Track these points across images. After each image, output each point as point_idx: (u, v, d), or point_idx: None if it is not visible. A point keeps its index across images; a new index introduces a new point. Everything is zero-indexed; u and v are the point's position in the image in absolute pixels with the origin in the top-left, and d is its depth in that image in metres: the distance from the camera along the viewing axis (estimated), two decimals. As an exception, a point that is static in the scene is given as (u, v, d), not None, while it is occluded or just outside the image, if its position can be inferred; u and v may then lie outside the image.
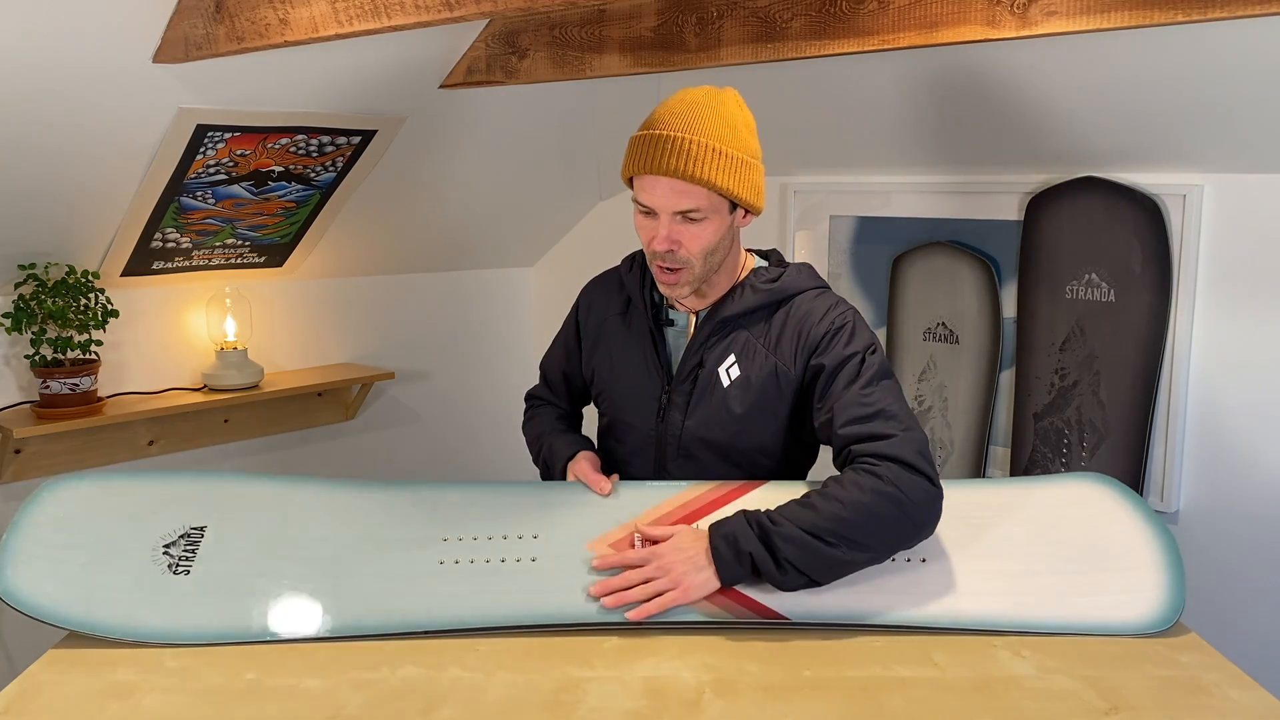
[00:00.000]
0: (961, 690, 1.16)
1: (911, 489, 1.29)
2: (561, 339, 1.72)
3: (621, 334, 1.58)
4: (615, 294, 1.61)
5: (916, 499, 1.29)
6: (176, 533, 1.38)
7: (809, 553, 1.26)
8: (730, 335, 1.49)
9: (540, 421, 1.72)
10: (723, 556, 1.28)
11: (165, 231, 2.50)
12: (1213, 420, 2.17)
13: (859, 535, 1.27)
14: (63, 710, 1.12)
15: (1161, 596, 1.31)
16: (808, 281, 1.51)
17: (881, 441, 1.32)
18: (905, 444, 1.32)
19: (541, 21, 2.34)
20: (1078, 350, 2.31)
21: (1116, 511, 1.43)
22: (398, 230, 3.01)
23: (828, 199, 2.76)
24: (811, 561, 1.27)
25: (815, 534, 1.26)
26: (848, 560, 1.28)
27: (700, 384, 1.49)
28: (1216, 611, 2.06)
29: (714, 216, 1.39)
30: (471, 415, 3.49)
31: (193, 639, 1.25)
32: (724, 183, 1.36)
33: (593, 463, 1.54)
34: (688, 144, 1.35)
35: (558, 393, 1.75)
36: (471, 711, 1.11)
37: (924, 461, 1.31)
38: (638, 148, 1.38)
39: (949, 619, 1.29)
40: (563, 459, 1.58)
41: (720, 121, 1.38)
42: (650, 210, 1.40)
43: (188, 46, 1.92)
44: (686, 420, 1.50)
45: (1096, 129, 2.17)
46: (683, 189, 1.36)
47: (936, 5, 1.78)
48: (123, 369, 2.62)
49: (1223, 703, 1.13)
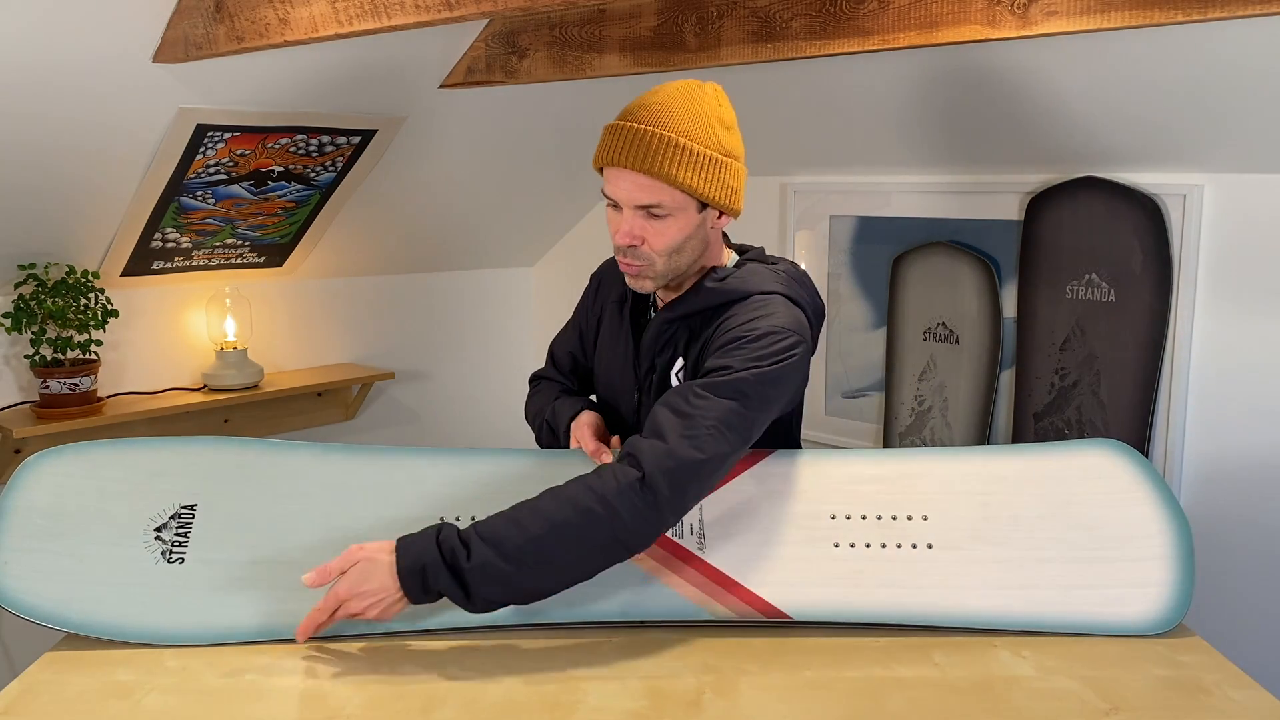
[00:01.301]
0: (961, 690, 1.16)
1: (630, 510, 1.20)
2: (574, 318, 1.68)
3: (614, 323, 1.56)
4: (621, 281, 1.56)
5: (631, 524, 1.21)
6: (166, 513, 1.35)
7: (504, 586, 1.20)
8: (675, 337, 1.44)
9: (543, 396, 1.67)
10: (410, 588, 1.20)
11: (165, 231, 2.50)
12: (1213, 420, 2.17)
13: (561, 560, 1.21)
14: (63, 710, 1.12)
15: (1168, 594, 1.30)
16: (762, 284, 1.40)
17: (648, 441, 1.25)
18: (664, 456, 1.22)
19: (541, 21, 2.34)
20: (1078, 350, 2.31)
21: (1132, 488, 1.37)
22: (398, 230, 3.01)
23: (828, 199, 2.76)
24: (507, 593, 1.21)
25: (514, 561, 1.19)
26: (544, 584, 1.23)
27: (655, 387, 1.46)
28: (1217, 611, 2.06)
29: (679, 214, 1.34)
30: (471, 415, 3.49)
31: (193, 639, 1.25)
32: (689, 180, 1.31)
33: (594, 426, 1.49)
34: (653, 138, 1.30)
35: (563, 373, 1.70)
36: (471, 711, 1.11)
37: (667, 483, 1.21)
38: (607, 137, 1.34)
39: (953, 617, 1.29)
40: (566, 418, 1.53)
41: (691, 117, 1.32)
42: (613, 203, 1.36)
43: (188, 46, 1.92)
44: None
45: (1096, 129, 2.17)
46: (645, 184, 1.31)
47: (936, 5, 1.78)
48: (123, 369, 2.62)
49: (1223, 703, 1.13)
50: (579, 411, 1.53)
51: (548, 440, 1.59)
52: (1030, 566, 1.32)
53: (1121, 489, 1.38)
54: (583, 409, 1.53)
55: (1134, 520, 1.35)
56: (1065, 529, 1.35)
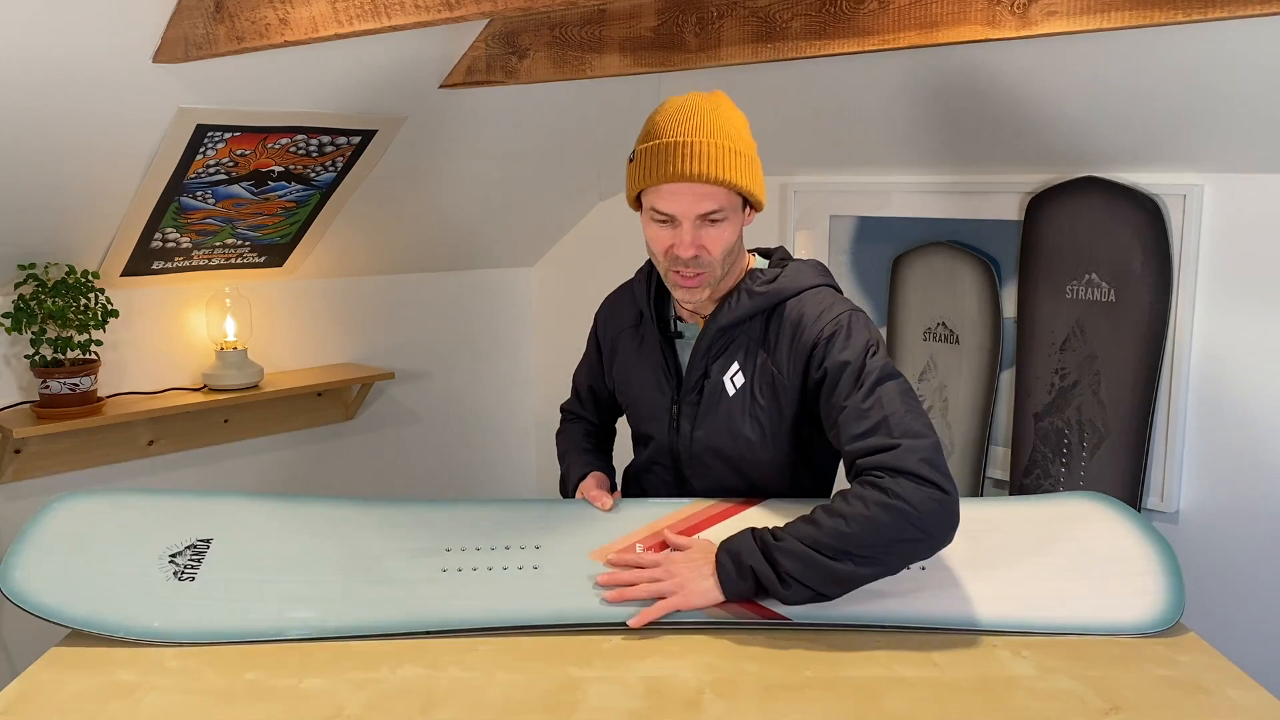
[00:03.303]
0: (961, 690, 1.16)
1: (918, 500, 1.25)
2: (587, 353, 1.74)
3: (634, 347, 1.59)
4: (628, 307, 1.62)
5: (924, 509, 1.25)
6: (183, 544, 1.40)
7: (811, 567, 1.25)
8: (732, 342, 1.47)
9: (566, 438, 1.76)
10: (726, 570, 1.28)
11: (165, 231, 2.50)
12: (1213, 420, 2.17)
13: (863, 549, 1.25)
14: (63, 710, 1.12)
15: (1161, 599, 1.32)
16: (807, 280, 1.47)
17: (886, 454, 1.29)
18: (909, 454, 1.28)
19: (541, 21, 2.34)
20: (1078, 350, 2.31)
21: (1115, 526, 1.45)
22: (397, 230, 3.01)
23: (828, 199, 2.76)
24: (814, 576, 1.25)
25: (818, 549, 1.25)
26: (853, 574, 1.26)
27: (706, 395, 1.48)
28: (1216, 611, 2.06)
29: (732, 216, 1.39)
30: (471, 415, 3.49)
31: (193, 639, 1.26)
32: (741, 181, 1.36)
33: (600, 482, 1.58)
34: (703, 147, 1.34)
35: (586, 406, 1.78)
36: (471, 711, 1.11)
37: (931, 469, 1.27)
38: (650, 158, 1.36)
39: (949, 619, 1.29)
40: (575, 479, 1.63)
41: (725, 121, 1.38)
42: (668, 219, 1.38)
43: (188, 46, 1.92)
44: (695, 431, 1.50)
45: (1096, 129, 2.17)
46: (704, 192, 1.35)
47: (936, 5, 1.78)
48: (123, 369, 2.62)
49: (1223, 703, 1.13)
50: (586, 474, 1.62)
51: (561, 490, 1.69)
52: (1026, 583, 1.36)
53: (1105, 529, 1.45)
54: (590, 472, 1.62)
55: (1118, 546, 1.42)
56: (1054, 556, 1.40)
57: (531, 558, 1.39)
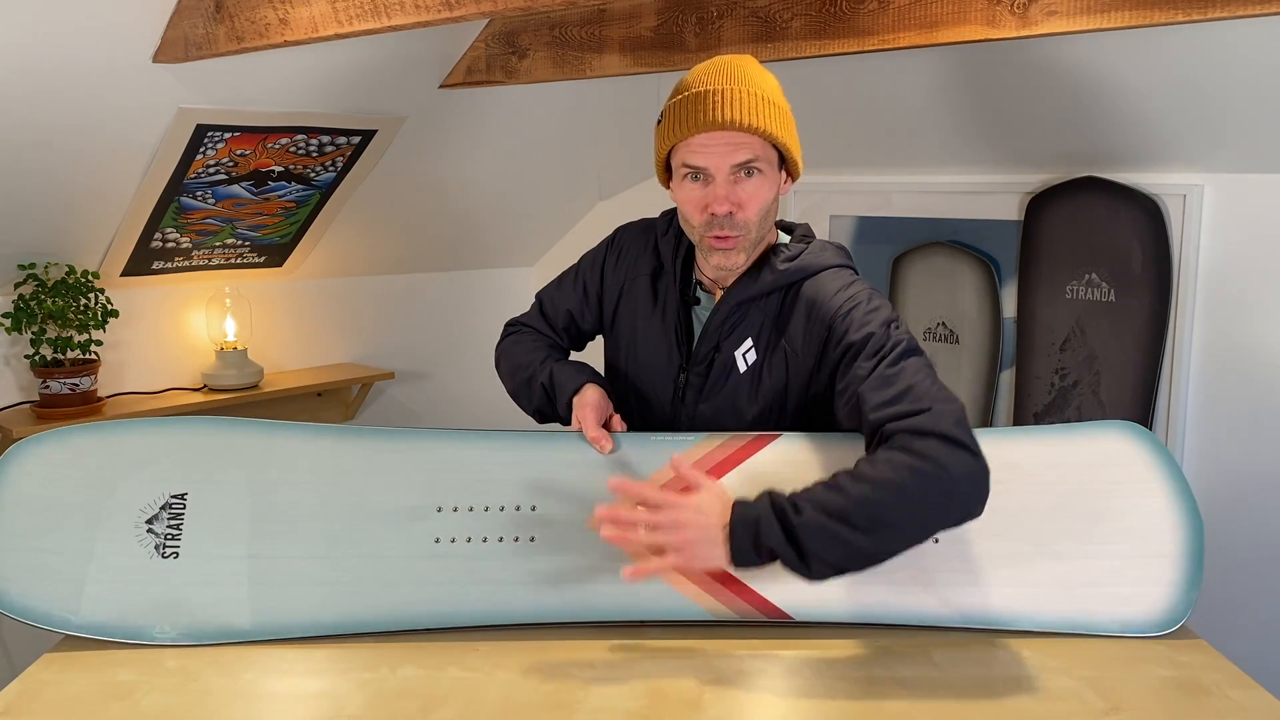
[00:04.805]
0: (961, 690, 1.15)
1: (954, 463, 1.16)
2: (579, 276, 1.59)
3: (648, 299, 1.49)
4: (650, 253, 1.51)
5: (959, 474, 1.16)
6: (156, 504, 1.32)
7: (837, 543, 1.14)
8: (746, 318, 1.41)
9: (528, 349, 1.57)
10: (740, 543, 1.16)
11: (165, 231, 2.50)
12: (1212, 420, 2.17)
13: (893, 518, 1.15)
14: (63, 710, 1.12)
15: (1173, 594, 1.29)
16: (829, 259, 1.40)
17: (915, 417, 1.19)
18: (940, 417, 1.19)
19: (541, 21, 2.34)
20: (1078, 350, 2.31)
21: (1146, 477, 1.34)
22: (397, 230, 3.01)
23: (828, 199, 2.76)
24: (840, 551, 1.15)
25: (844, 520, 1.14)
26: (880, 547, 1.17)
27: (715, 369, 1.42)
28: (1217, 611, 2.06)
29: (768, 171, 1.32)
30: (471, 415, 3.48)
31: (193, 639, 1.25)
32: (776, 130, 1.29)
33: (598, 408, 1.41)
34: (735, 93, 1.28)
35: (554, 327, 1.61)
36: (471, 711, 1.11)
37: (964, 433, 1.19)
38: (680, 110, 1.31)
39: (955, 616, 1.28)
40: (569, 391, 1.45)
41: (757, 73, 1.32)
42: (700, 173, 1.31)
43: (188, 46, 1.92)
44: (701, 404, 1.43)
45: (1096, 129, 2.17)
46: (738, 140, 1.28)
47: (936, 5, 1.78)
48: (122, 369, 2.62)
49: (1224, 703, 1.13)
50: (583, 385, 1.44)
51: (540, 402, 1.52)
52: (1036, 562, 1.30)
53: (1135, 477, 1.35)
54: (587, 382, 1.45)
55: (1145, 512, 1.32)
56: (1074, 521, 1.32)
57: (528, 524, 1.33)
